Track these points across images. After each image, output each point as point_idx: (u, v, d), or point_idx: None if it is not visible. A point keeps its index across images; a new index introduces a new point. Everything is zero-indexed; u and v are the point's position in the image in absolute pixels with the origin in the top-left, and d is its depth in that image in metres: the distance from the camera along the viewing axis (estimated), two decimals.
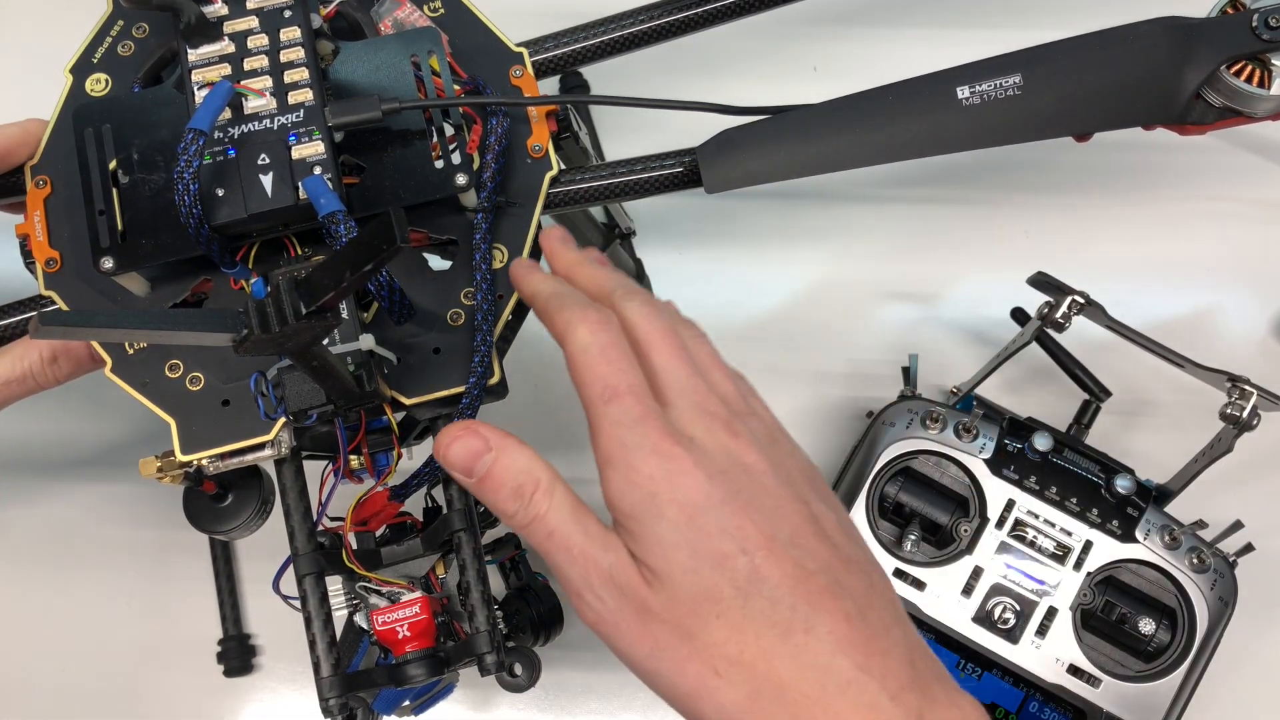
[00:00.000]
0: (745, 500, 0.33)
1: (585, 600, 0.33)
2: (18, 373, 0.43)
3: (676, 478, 0.32)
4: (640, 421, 0.33)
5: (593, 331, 0.35)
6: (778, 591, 0.31)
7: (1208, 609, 0.50)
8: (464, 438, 0.35)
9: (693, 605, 0.32)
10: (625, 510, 0.33)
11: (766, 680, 0.31)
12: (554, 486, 0.35)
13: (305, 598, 0.39)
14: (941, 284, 0.65)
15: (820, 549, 0.33)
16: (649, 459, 0.32)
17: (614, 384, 0.34)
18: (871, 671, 0.31)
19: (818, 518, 0.34)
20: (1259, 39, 0.44)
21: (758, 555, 0.32)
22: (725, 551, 0.32)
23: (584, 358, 0.35)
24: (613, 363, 0.34)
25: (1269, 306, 0.63)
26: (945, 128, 0.44)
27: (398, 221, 0.28)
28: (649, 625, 0.32)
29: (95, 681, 0.60)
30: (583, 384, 0.35)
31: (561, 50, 0.49)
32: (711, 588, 0.31)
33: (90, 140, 0.41)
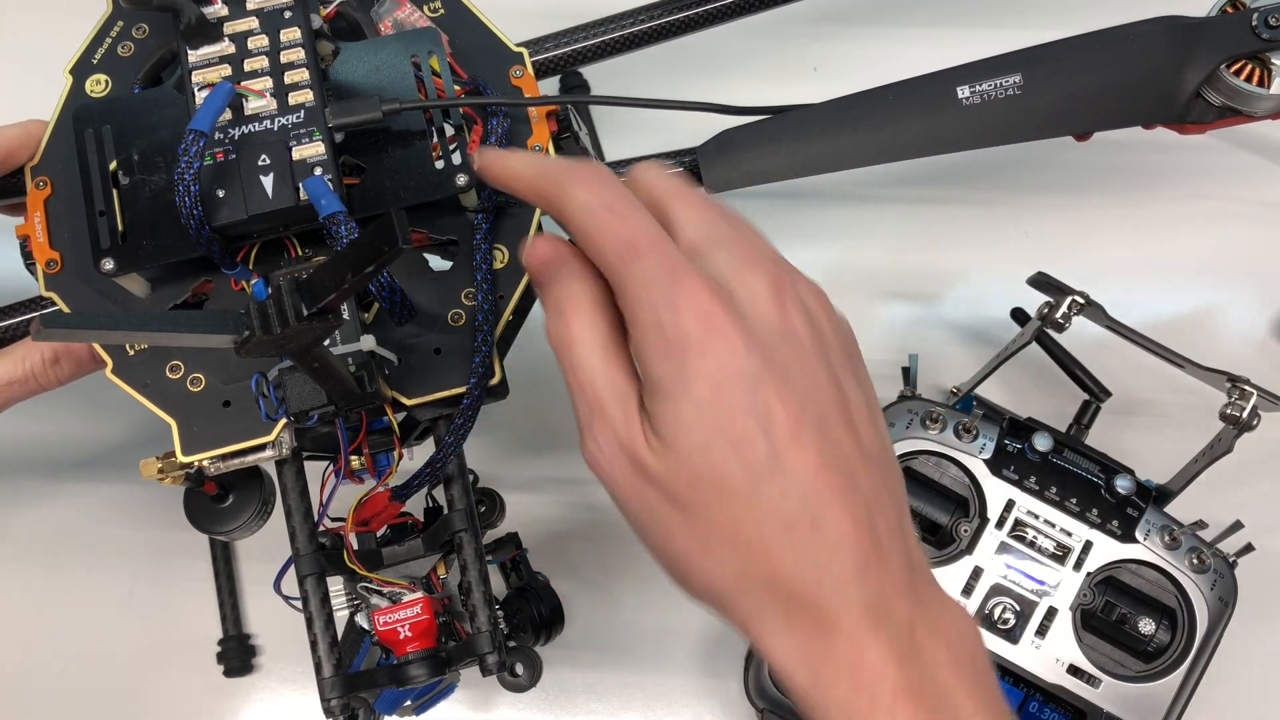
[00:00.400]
0: (779, 376, 0.30)
1: (585, 441, 0.32)
2: (19, 374, 0.43)
3: (712, 344, 0.30)
4: (673, 276, 0.30)
5: (592, 189, 0.32)
6: (792, 482, 0.30)
7: (1208, 609, 0.50)
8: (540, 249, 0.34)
9: (694, 482, 0.30)
10: (652, 378, 0.31)
11: (760, 567, 0.30)
12: (593, 317, 0.32)
13: (307, 598, 0.39)
14: (941, 284, 0.65)
15: (844, 439, 0.31)
16: (684, 320, 0.30)
17: (633, 239, 0.31)
18: (869, 575, 0.30)
19: (848, 402, 0.32)
20: (1259, 38, 0.44)
21: (781, 440, 0.30)
22: (747, 433, 0.30)
23: (590, 219, 0.32)
24: (625, 217, 0.31)
25: (1269, 306, 0.63)
26: (945, 127, 0.44)
27: (399, 222, 0.28)
28: (644, 485, 0.31)
29: (95, 681, 0.60)
30: (597, 249, 0.32)
31: (561, 50, 0.49)
32: (721, 468, 0.30)
33: (90, 141, 0.41)
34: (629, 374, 0.32)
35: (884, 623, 0.30)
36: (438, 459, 0.39)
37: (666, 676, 0.59)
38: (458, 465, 0.40)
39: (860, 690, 0.30)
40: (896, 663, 0.30)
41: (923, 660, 0.30)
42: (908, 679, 0.30)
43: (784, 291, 0.32)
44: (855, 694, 0.30)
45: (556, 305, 0.33)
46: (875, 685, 0.30)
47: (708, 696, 0.58)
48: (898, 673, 0.30)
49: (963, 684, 0.31)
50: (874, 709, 0.29)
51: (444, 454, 0.39)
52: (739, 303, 0.31)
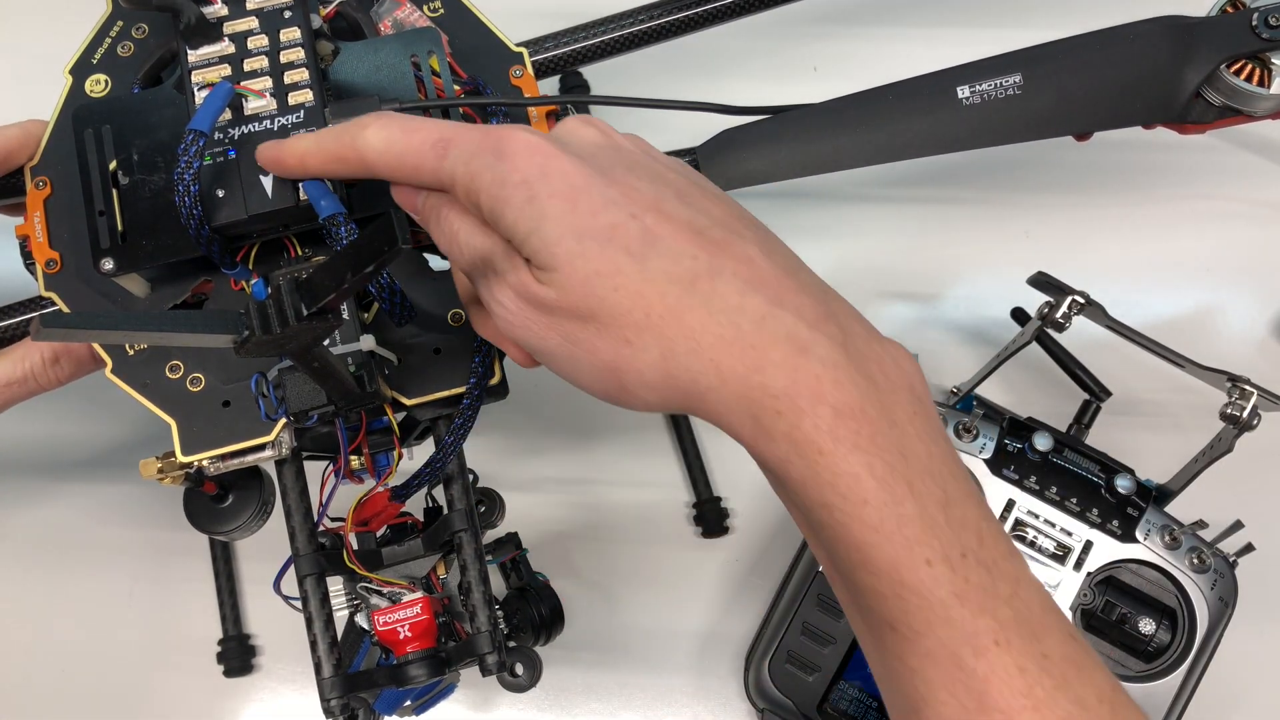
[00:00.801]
0: (625, 170, 0.32)
1: (492, 310, 0.33)
2: (19, 374, 0.43)
3: (550, 168, 0.31)
4: (490, 137, 0.32)
5: (380, 124, 0.33)
6: (675, 245, 0.31)
7: (1208, 609, 0.50)
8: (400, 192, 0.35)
9: (587, 287, 0.31)
10: (514, 226, 0.31)
11: (679, 334, 0.30)
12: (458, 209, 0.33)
13: (306, 598, 0.39)
14: (941, 284, 0.65)
15: (711, 206, 0.32)
16: (517, 163, 0.31)
17: (438, 136, 0.33)
18: (786, 305, 0.31)
19: (700, 184, 0.33)
20: (1259, 38, 0.44)
21: (648, 217, 0.31)
22: (613, 221, 0.31)
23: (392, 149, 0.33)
24: (419, 128, 0.33)
25: (1269, 306, 0.63)
26: (946, 127, 0.44)
27: (398, 223, 0.28)
28: (552, 319, 0.32)
29: (95, 681, 0.60)
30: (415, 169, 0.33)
31: (561, 50, 0.49)
32: (603, 262, 0.31)
33: (90, 141, 0.41)
34: (504, 240, 0.33)
35: (812, 345, 0.30)
36: (438, 459, 0.39)
37: (666, 676, 0.59)
38: (458, 465, 0.40)
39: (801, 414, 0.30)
40: (832, 383, 0.30)
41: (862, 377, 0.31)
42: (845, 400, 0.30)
43: (606, 131, 0.34)
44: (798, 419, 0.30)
45: (432, 220, 0.34)
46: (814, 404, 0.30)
47: (708, 696, 0.58)
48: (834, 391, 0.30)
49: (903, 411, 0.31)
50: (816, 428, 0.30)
51: (444, 454, 0.39)
52: (566, 140, 0.33)
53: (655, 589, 0.60)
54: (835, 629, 0.52)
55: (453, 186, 0.33)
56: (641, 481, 0.62)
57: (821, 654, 0.52)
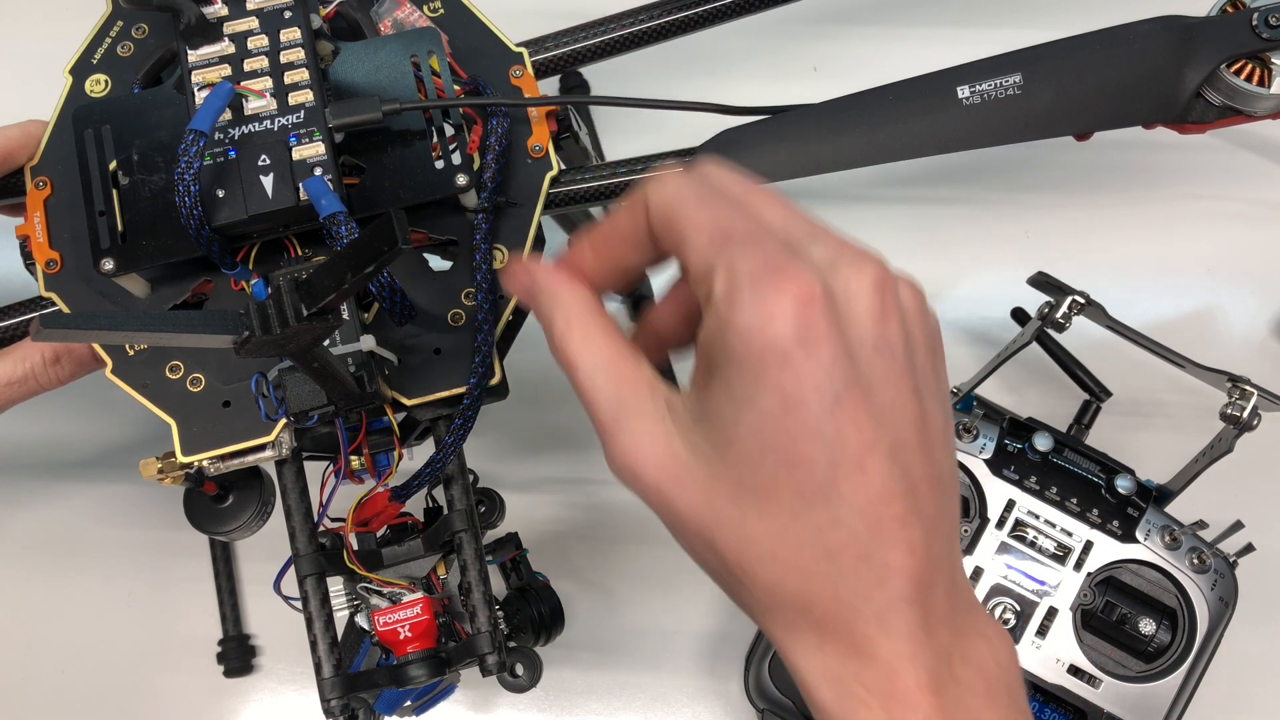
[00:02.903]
0: (862, 394, 0.28)
1: (607, 454, 0.31)
2: (19, 374, 0.43)
3: (797, 353, 0.27)
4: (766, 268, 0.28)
5: (683, 182, 0.30)
6: (846, 513, 0.28)
7: (1208, 609, 0.50)
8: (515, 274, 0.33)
9: (735, 494, 0.28)
10: (723, 375, 0.28)
11: (793, 594, 0.28)
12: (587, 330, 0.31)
13: (306, 599, 0.39)
14: (941, 284, 0.65)
15: (915, 463, 0.29)
16: (775, 319, 0.27)
17: (727, 226, 0.29)
18: (914, 606, 0.28)
19: (927, 419, 0.29)
20: (1259, 38, 0.44)
21: (844, 468, 0.27)
22: (808, 458, 0.27)
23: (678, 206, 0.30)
24: (718, 208, 0.29)
25: (1269, 306, 0.63)
26: (946, 127, 0.44)
27: (399, 222, 0.28)
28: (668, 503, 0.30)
29: (95, 681, 0.60)
30: (683, 236, 0.29)
31: (561, 50, 0.49)
32: (768, 484, 0.28)
33: (90, 141, 0.41)
34: (639, 376, 0.31)
35: (922, 651, 0.28)
36: (438, 459, 0.39)
37: (666, 677, 0.59)
38: (458, 465, 0.40)
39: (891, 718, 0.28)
40: (932, 691, 0.28)
41: (958, 690, 0.29)
42: (941, 709, 0.28)
43: (886, 292, 0.29)
44: None
45: (548, 328, 0.32)
46: (907, 714, 0.28)
47: (708, 697, 0.58)
48: (931, 702, 0.28)
49: (996, 715, 0.29)
50: None
51: (444, 454, 0.39)
52: (837, 302, 0.28)
53: (655, 589, 0.60)
54: None
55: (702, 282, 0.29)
56: None
57: None
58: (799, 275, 0.28)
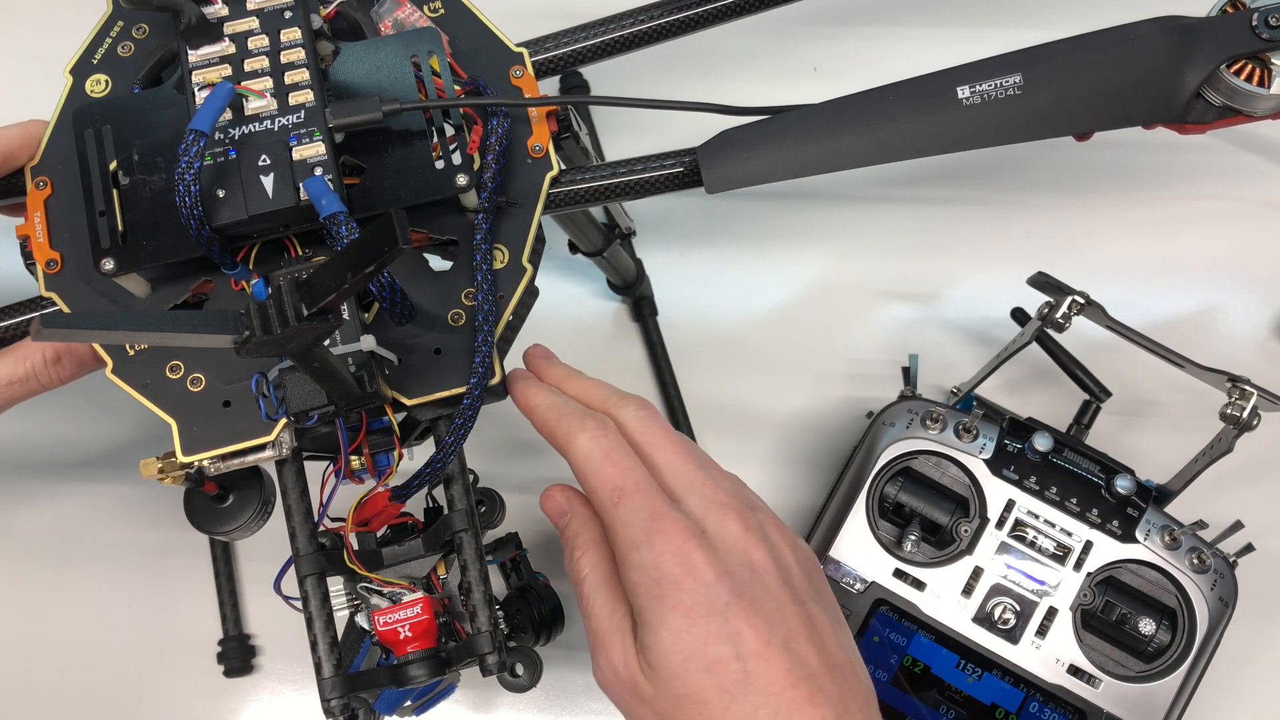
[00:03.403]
0: (748, 602, 0.35)
1: (595, 663, 0.37)
2: (20, 374, 0.43)
3: (685, 579, 0.35)
4: (652, 519, 0.35)
5: (594, 437, 0.38)
6: (763, 696, 0.34)
7: (1208, 609, 0.50)
8: (555, 498, 0.40)
9: (677, 702, 0.34)
10: (638, 608, 0.36)
11: None
12: (598, 556, 0.38)
13: (307, 598, 0.39)
14: (941, 284, 0.65)
15: (810, 654, 0.35)
16: (662, 559, 0.35)
17: (620, 484, 0.36)
18: None
19: (812, 619, 0.36)
20: (1259, 38, 0.44)
21: (751, 660, 0.34)
22: (719, 656, 0.34)
23: (589, 463, 0.37)
24: (616, 464, 0.37)
25: (1269, 306, 0.64)
26: (945, 127, 0.44)
27: (399, 222, 0.28)
28: (641, 706, 0.36)
29: (95, 681, 0.60)
30: (591, 489, 0.37)
31: (561, 50, 0.49)
32: (698, 690, 0.34)
33: (90, 141, 0.41)
34: (618, 603, 0.37)
35: None
36: (438, 459, 0.39)
37: None
38: (458, 465, 0.40)
39: None
40: None
41: None
42: None
43: (749, 527, 0.37)
44: None
45: (569, 545, 0.39)
46: None
47: None
48: None
49: None
50: None
51: (444, 454, 0.39)
52: (710, 538, 0.36)
53: None
54: None
55: (609, 532, 0.37)
56: None
57: None
58: (675, 521, 0.36)
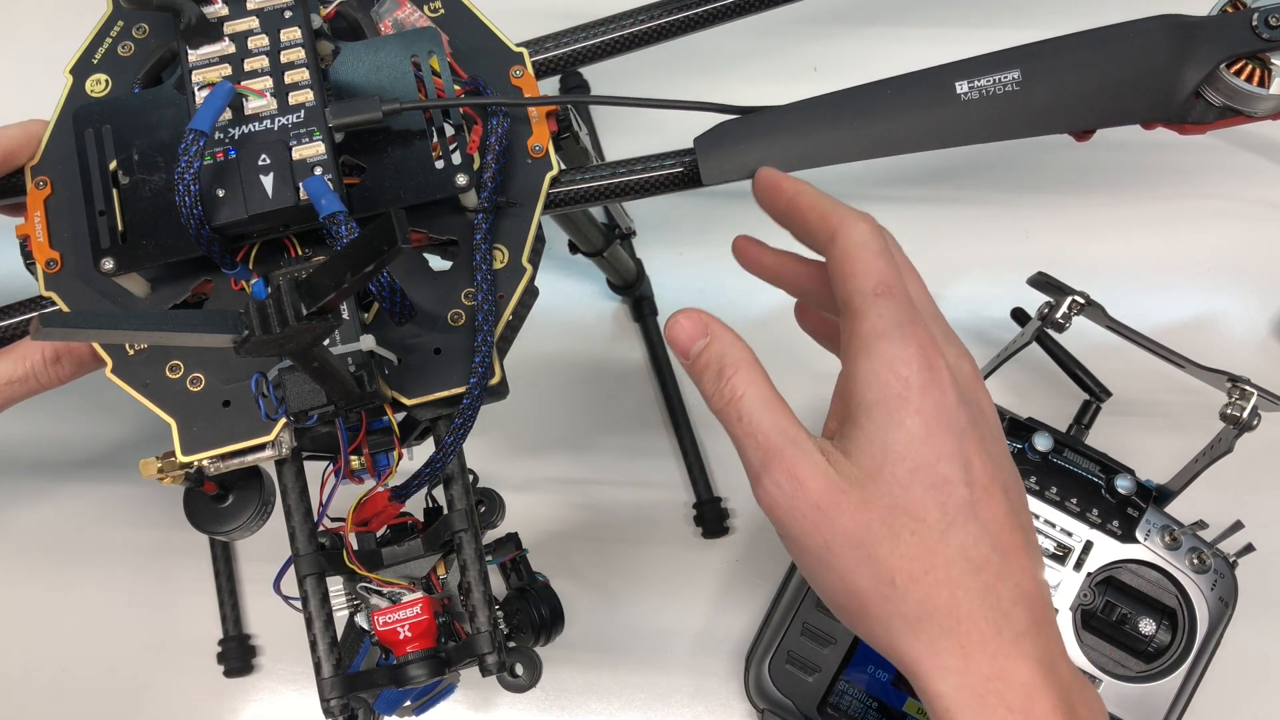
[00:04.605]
0: (980, 436, 0.33)
1: (763, 484, 0.33)
2: (19, 373, 0.43)
3: (932, 389, 0.32)
4: (911, 323, 0.33)
5: (873, 230, 0.36)
6: (984, 530, 0.32)
7: (1208, 609, 0.50)
8: (685, 322, 0.36)
9: (890, 513, 0.32)
10: (868, 402, 0.33)
11: (944, 607, 0.31)
12: (753, 374, 0.35)
13: (306, 598, 0.39)
14: (941, 284, 0.65)
15: (1021, 509, 0.33)
16: (913, 361, 0.32)
17: (890, 281, 0.34)
18: (1042, 633, 0.32)
19: (1019, 482, 0.35)
20: (1259, 38, 0.44)
21: (978, 490, 0.32)
22: (948, 476, 0.32)
23: (864, 251, 0.35)
24: (888, 262, 0.35)
25: (1269, 306, 0.63)
26: (943, 123, 0.44)
27: (399, 222, 0.28)
28: (827, 522, 0.32)
29: (95, 681, 0.60)
30: (854, 274, 0.35)
31: (561, 50, 0.49)
32: (918, 504, 0.32)
33: (90, 141, 0.41)
34: (794, 420, 0.34)
35: (1053, 678, 0.31)
36: (438, 459, 0.39)
37: (666, 677, 0.59)
38: (458, 465, 0.40)
39: None
40: (1064, 717, 0.31)
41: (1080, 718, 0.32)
42: None
43: (978, 376, 0.36)
44: None
45: (716, 366, 0.35)
46: None
47: (708, 697, 0.58)
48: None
49: None
50: None
51: (444, 454, 0.39)
52: (951, 367, 0.34)
53: (655, 589, 0.60)
54: (835, 629, 0.52)
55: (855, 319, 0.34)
56: (641, 481, 0.62)
57: (821, 654, 0.52)
58: (931, 336, 0.34)
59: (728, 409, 0.35)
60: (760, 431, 0.34)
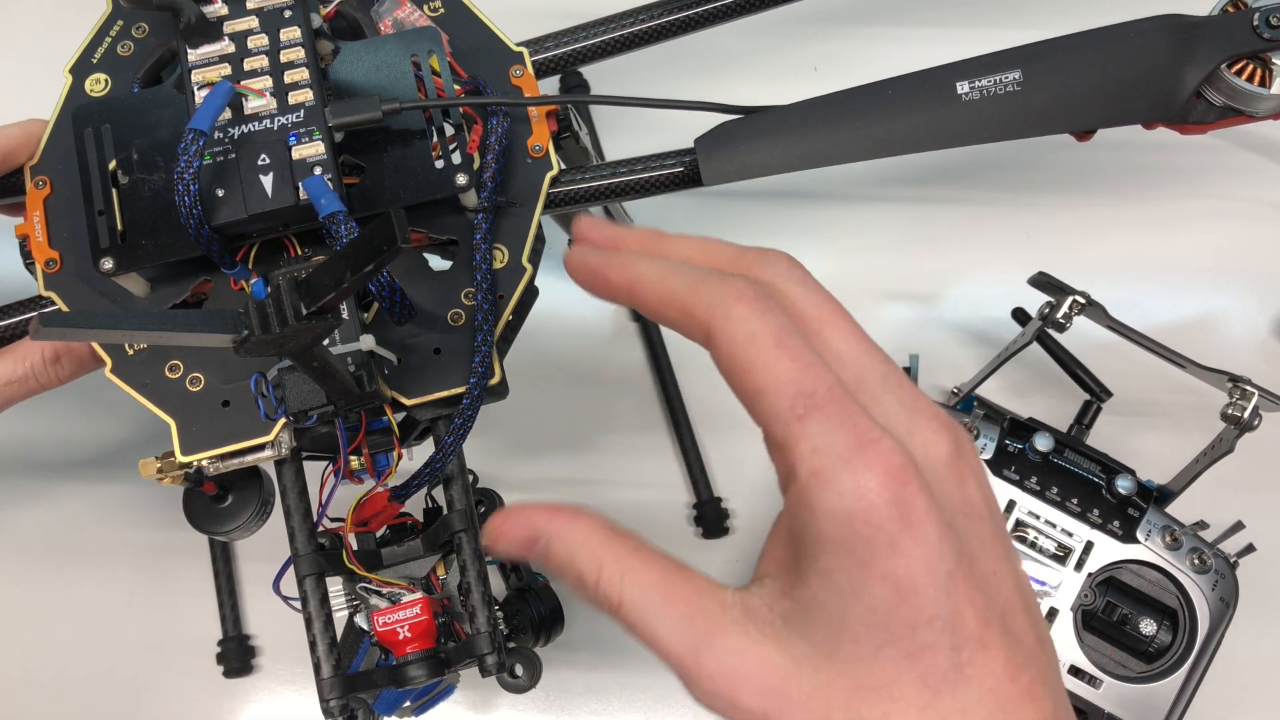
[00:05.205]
0: (968, 568, 0.25)
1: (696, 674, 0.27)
2: (19, 373, 0.43)
3: (904, 538, 0.25)
4: (858, 446, 0.25)
5: (756, 311, 0.26)
6: (977, 694, 0.25)
7: (1209, 610, 0.50)
8: (507, 528, 0.29)
9: (852, 699, 0.25)
10: (820, 563, 0.26)
11: None
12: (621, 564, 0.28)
13: (306, 599, 0.39)
14: (941, 284, 0.65)
15: (1025, 629, 0.26)
16: (874, 505, 0.25)
17: (808, 388, 0.26)
18: None
19: (1017, 573, 0.27)
20: (1260, 38, 0.44)
21: (968, 650, 0.25)
22: (930, 645, 0.25)
23: (755, 354, 0.26)
24: (795, 354, 0.26)
25: (1270, 306, 0.63)
26: (944, 123, 0.44)
27: (398, 222, 0.28)
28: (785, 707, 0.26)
29: (95, 681, 0.60)
30: (757, 391, 0.26)
31: (561, 50, 0.49)
32: (889, 683, 0.25)
33: (90, 141, 0.41)
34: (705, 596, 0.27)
35: None
36: (437, 459, 0.39)
37: (666, 677, 0.58)
38: (457, 465, 0.40)
39: None
40: None
41: None
42: None
43: (962, 450, 0.27)
44: None
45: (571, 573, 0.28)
46: None
47: None
48: None
49: None
50: None
51: (444, 454, 0.39)
52: (921, 469, 0.26)
53: None
54: None
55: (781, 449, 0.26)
56: (641, 481, 0.62)
57: None
58: (889, 450, 0.25)
59: (615, 616, 0.28)
60: (663, 639, 0.27)
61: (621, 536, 0.28)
